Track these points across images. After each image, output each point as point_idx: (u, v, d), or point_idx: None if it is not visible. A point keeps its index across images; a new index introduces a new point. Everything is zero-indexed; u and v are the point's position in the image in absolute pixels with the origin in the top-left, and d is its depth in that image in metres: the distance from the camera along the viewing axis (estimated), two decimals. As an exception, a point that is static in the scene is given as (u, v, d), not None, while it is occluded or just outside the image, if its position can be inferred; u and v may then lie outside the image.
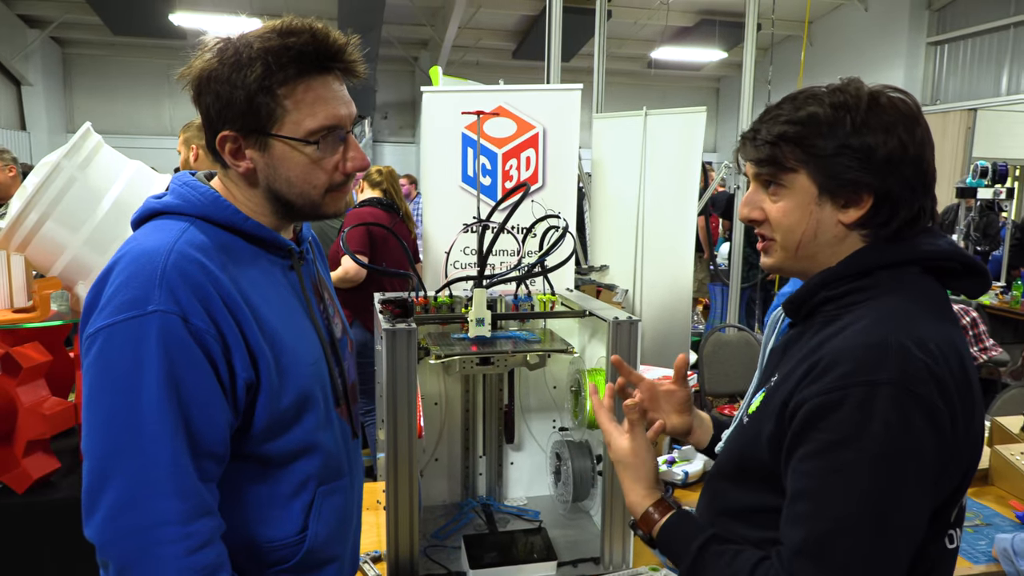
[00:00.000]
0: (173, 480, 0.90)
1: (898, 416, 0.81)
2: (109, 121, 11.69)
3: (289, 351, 1.02)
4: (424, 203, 3.80)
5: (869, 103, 0.92)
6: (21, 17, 11.66)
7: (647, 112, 4.31)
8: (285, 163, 1.01)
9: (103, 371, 0.91)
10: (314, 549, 1.08)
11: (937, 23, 10.55)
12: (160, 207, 1.02)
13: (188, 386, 0.91)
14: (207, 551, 0.93)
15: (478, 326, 1.64)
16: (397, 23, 11.74)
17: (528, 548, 1.65)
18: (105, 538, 0.90)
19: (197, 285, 0.92)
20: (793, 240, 0.97)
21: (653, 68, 13.25)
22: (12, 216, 2.05)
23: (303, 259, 1.14)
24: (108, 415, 0.90)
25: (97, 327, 0.91)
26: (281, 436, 1.03)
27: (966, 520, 1.88)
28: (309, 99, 0.99)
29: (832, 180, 0.92)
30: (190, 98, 1.02)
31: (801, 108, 0.94)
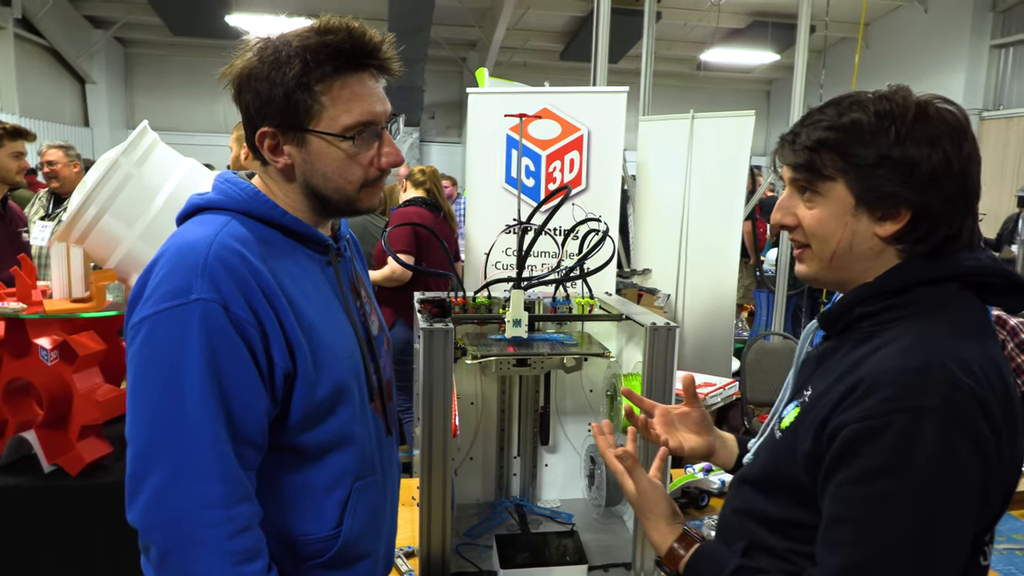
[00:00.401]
0: (215, 464, 0.92)
1: (943, 445, 0.79)
2: (166, 118, 12.09)
3: (326, 344, 1.04)
4: (467, 204, 3.83)
5: (916, 113, 0.88)
6: (87, 18, 12.14)
7: (694, 115, 4.27)
8: (321, 158, 1.04)
9: (148, 358, 0.94)
10: (349, 544, 1.10)
11: (1002, 25, 10.17)
12: (203, 203, 1.06)
13: (229, 373, 0.94)
14: (247, 535, 0.95)
15: (515, 327, 1.65)
16: (446, 24, 11.85)
17: (559, 550, 1.65)
18: (149, 522, 0.92)
19: (238, 276, 0.95)
20: (827, 250, 0.94)
21: (703, 70, 13.09)
22: (72, 210, 2.14)
23: (340, 256, 1.16)
24: (152, 401, 0.93)
25: (142, 316, 0.95)
26: (316, 427, 1.05)
27: (1016, 543, 1.82)
28: (345, 95, 1.02)
29: (870, 192, 0.89)
30: (231, 97, 1.05)
31: (844, 114, 0.91)
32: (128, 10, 11.50)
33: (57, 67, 12.08)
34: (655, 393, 1.53)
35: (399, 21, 9.79)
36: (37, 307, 2.12)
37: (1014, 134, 9.86)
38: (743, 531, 1.01)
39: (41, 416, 2.10)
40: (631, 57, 10.45)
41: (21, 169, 3.22)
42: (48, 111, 11.59)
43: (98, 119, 12.99)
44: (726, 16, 11.14)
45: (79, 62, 12.20)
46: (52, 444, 2.12)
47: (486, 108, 3.60)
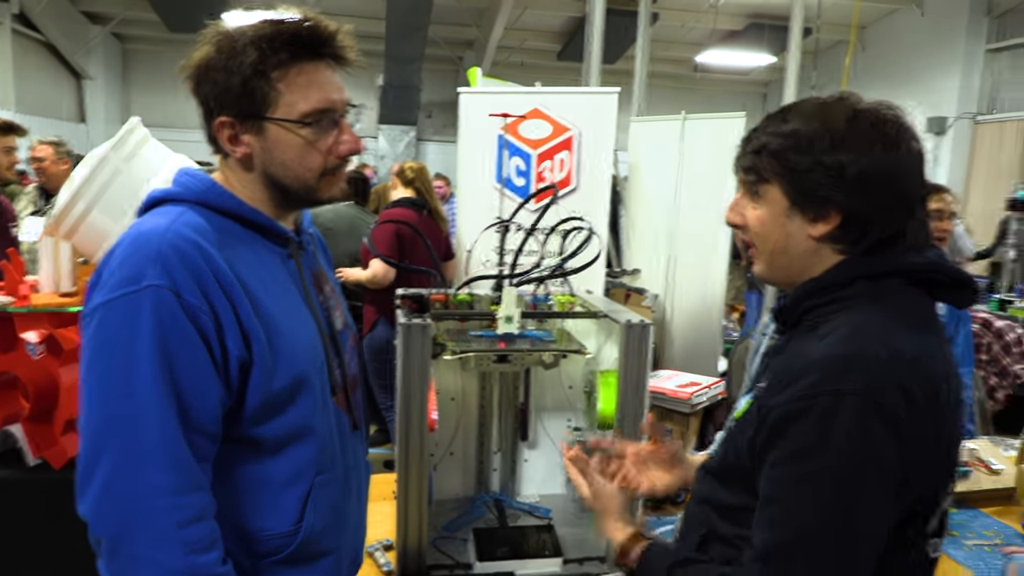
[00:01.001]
0: (164, 451, 0.91)
1: (860, 427, 0.82)
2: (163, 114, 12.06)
3: (284, 333, 1.04)
4: (458, 202, 3.85)
5: (849, 121, 0.93)
6: (84, 14, 12.13)
7: (685, 116, 4.30)
8: (279, 146, 1.04)
9: (99, 346, 0.94)
10: (309, 540, 1.08)
11: (996, 30, 10.20)
12: (162, 195, 1.06)
13: (180, 360, 0.93)
14: (200, 526, 0.94)
15: (507, 323, 1.67)
16: (443, 23, 11.86)
17: (536, 543, 1.68)
18: (98, 512, 0.91)
19: (191, 263, 0.95)
20: (767, 249, 1.00)
21: (699, 71, 13.12)
22: (60, 205, 2.16)
23: (302, 249, 1.17)
24: (102, 389, 0.93)
25: (95, 304, 0.95)
26: (274, 419, 1.04)
27: (986, 539, 1.85)
28: (302, 82, 1.03)
29: (802, 194, 0.94)
30: (190, 91, 1.05)
31: (788, 121, 0.96)
32: (125, 6, 11.50)
33: (54, 63, 12.07)
34: (629, 389, 1.56)
35: (397, 20, 9.81)
36: (25, 301, 2.14)
37: (1008, 138, 9.90)
38: (704, 520, 1.05)
39: (27, 410, 2.12)
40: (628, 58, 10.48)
41: (12, 164, 3.24)
42: (44, 107, 11.58)
43: (94, 115, 12.98)
44: (723, 18, 11.17)
45: (76, 58, 12.19)
46: (38, 437, 2.14)
47: (477, 108, 3.63)
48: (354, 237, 3.96)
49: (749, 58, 12.17)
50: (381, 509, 1.85)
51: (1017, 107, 9.93)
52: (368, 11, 11.12)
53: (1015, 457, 2.23)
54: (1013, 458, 2.24)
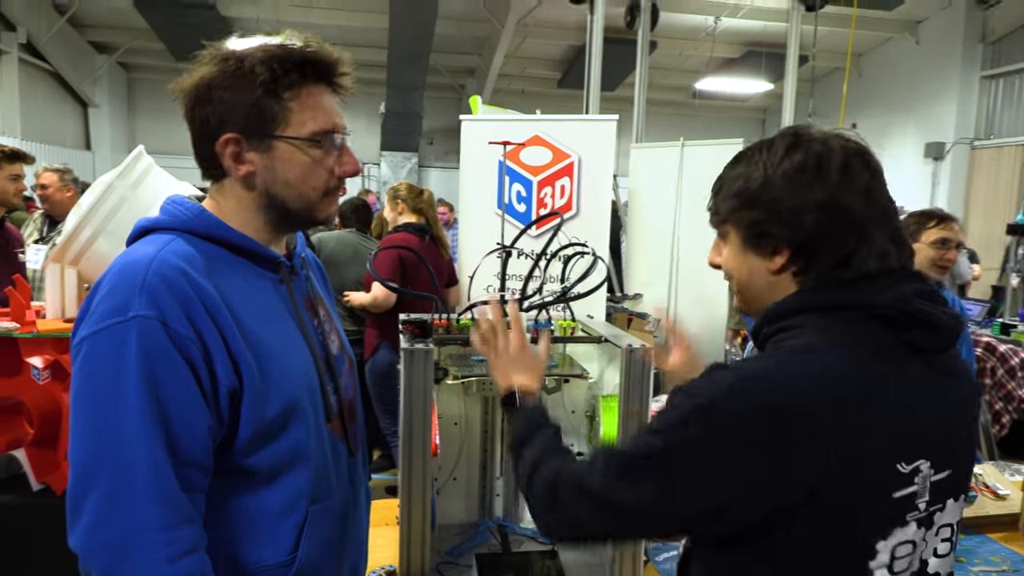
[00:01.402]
0: (153, 484, 0.90)
1: (687, 421, 0.88)
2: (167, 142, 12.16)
3: (275, 360, 1.02)
4: (460, 228, 3.88)
5: (782, 156, 0.94)
6: (91, 43, 12.31)
7: (684, 143, 4.34)
8: (286, 164, 1.04)
9: (86, 378, 0.92)
10: (304, 571, 1.06)
11: (992, 56, 10.33)
12: (149, 224, 1.05)
13: (167, 390, 0.92)
14: (191, 559, 0.92)
15: None
16: (445, 52, 12.02)
17: (539, 569, 1.67)
18: (88, 546, 0.90)
19: (178, 291, 0.94)
20: (740, 286, 1.04)
21: (698, 98, 13.26)
22: (67, 232, 2.18)
23: (294, 274, 1.15)
24: (90, 421, 0.91)
25: (82, 336, 0.94)
26: (267, 447, 1.02)
27: (992, 565, 1.84)
28: (311, 103, 1.04)
29: (749, 232, 0.98)
30: (183, 112, 1.04)
31: (737, 164, 0.99)
32: (132, 36, 11.67)
33: (60, 91, 12.22)
34: (631, 413, 1.56)
35: (399, 48, 9.94)
36: (30, 327, 2.15)
37: (1005, 163, 9.97)
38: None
39: (31, 435, 2.13)
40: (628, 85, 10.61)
41: (19, 191, 3.27)
42: (50, 134, 11.71)
43: (100, 143, 13.11)
44: (721, 46, 11.32)
45: (82, 86, 12.35)
46: (41, 462, 2.14)
47: (479, 135, 3.67)
48: (358, 263, 3.99)
49: (747, 85, 12.31)
50: (384, 534, 1.84)
51: (1014, 132, 10.02)
52: (371, 40, 11.28)
53: (1021, 482, 2.23)
54: (1019, 483, 2.24)
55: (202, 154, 1.06)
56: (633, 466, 0.91)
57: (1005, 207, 9.72)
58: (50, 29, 10.67)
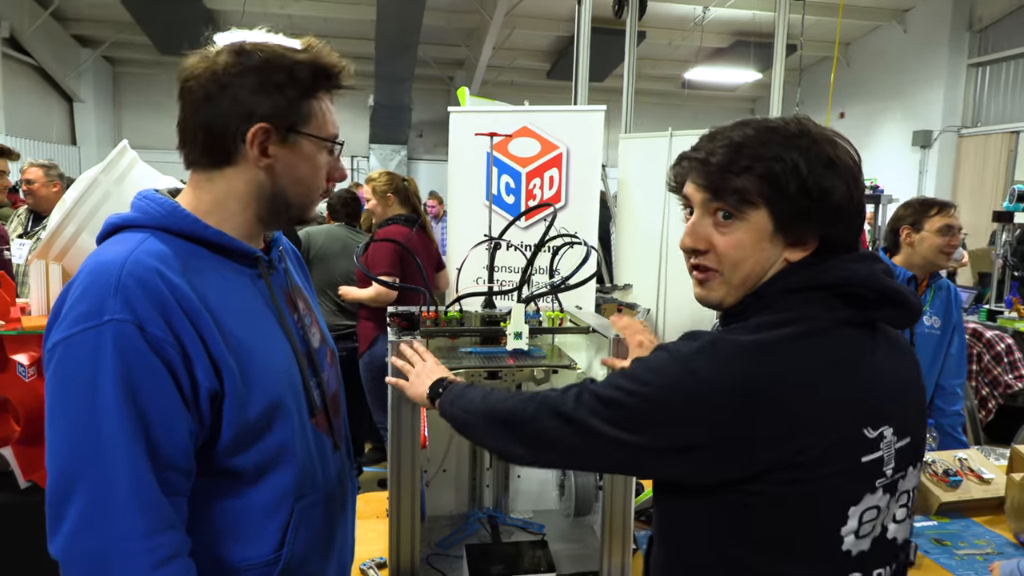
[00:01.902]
0: (133, 492, 0.89)
1: (681, 376, 0.90)
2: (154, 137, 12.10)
3: (256, 359, 1.01)
4: (449, 220, 3.87)
5: (829, 148, 0.93)
6: (75, 37, 12.19)
7: (672, 132, 4.34)
8: (305, 161, 1.06)
9: (60, 384, 0.90)
10: (291, 567, 1.06)
11: (978, 44, 10.39)
12: (120, 221, 1.02)
13: (146, 395, 0.90)
14: (174, 565, 0.91)
15: (516, 339, 1.68)
16: (433, 43, 11.97)
17: (530, 559, 1.68)
18: (69, 555, 0.89)
19: (154, 293, 0.91)
20: (739, 275, 0.96)
21: (687, 88, 13.27)
22: (51, 228, 2.16)
23: (273, 268, 1.14)
24: (66, 428, 0.89)
25: (55, 340, 0.91)
26: (251, 447, 1.01)
27: (977, 548, 1.86)
28: (327, 107, 1.09)
29: (788, 219, 0.92)
30: (195, 99, 1.02)
31: (767, 144, 0.92)
32: (116, 29, 11.57)
33: (44, 86, 12.11)
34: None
35: (387, 41, 9.89)
36: (15, 324, 2.14)
37: (992, 150, 10.04)
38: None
39: (18, 432, 2.12)
40: (617, 75, 10.60)
41: (2, 188, 3.24)
42: (35, 130, 11.60)
43: (85, 138, 13.01)
44: (709, 36, 11.33)
45: (67, 81, 12.23)
46: (28, 460, 2.13)
47: (466, 127, 3.66)
48: (347, 257, 3.98)
49: (735, 75, 12.33)
50: (374, 527, 1.85)
51: (1001, 119, 10.09)
52: (358, 32, 11.23)
53: (1006, 467, 2.25)
54: (1003, 467, 2.26)
55: (213, 139, 1.02)
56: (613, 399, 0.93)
57: (992, 194, 9.79)
58: (33, 23, 10.56)
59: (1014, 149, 9.79)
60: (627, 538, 1.62)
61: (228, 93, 1.00)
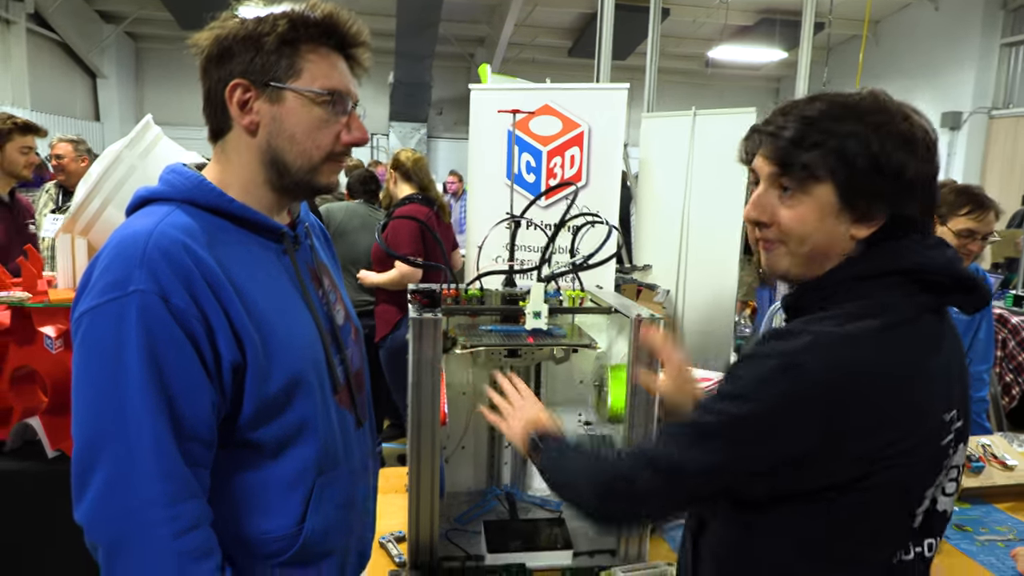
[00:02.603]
0: (157, 462, 0.90)
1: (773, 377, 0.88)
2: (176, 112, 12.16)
3: (279, 333, 1.01)
4: (468, 199, 3.86)
5: (904, 124, 0.92)
6: (98, 12, 12.24)
7: (696, 112, 4.29)
8: (293, 116, 1.02)
9: (87, 354, 0.92)
10: (312, 541, 1.07)
11: (1012, 23, 10.11)
12: (148, 195, 1.03)
13: (170, 366, 0.91)
14: (195, 534, 0.93)
15: (535, 319, 1.68)
16: (454, 20, 11.87)
17: (546, 536, 1.69)
18: (93, 521, 0.91)
19: (179, 265, 0.92)
20: (803, 250, 0.96)
21: (710, 67, 13.07)
22: (77, 202, 2.19)
23: (298, 243, 1.14)
24: (92, 397, 0.91)
25: (81, 311, 0.93)
26: (272, 421, 1.02)
27: (999, 535, 1.85)
28: (327, 63, 1.04)
29: (856, 195, 0.91)
30: (200, 69, 1.03)
31: (840, 120, 0.92)
32: (139, 4, 11.60)
33: (68, 62, 12.19)
34: (640, 384, 1.56)
35: (408, 17, 9.83)
36: (42, 296, 2.17)
37: (1023, 133, 9.81)
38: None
39: (45, 403, 2.16)
40: (639, 54, 10.44)
41: (29, 164, 3.27)
42: (59, 105, 11.70)
43: (109, 113, 13.10)
44: (734, 13, 11.11)
45: (90, 57, 12.30)
46: (56, 430, 2.17)
47: (487, 104, 3.63)
48: (368, 233, 3.98)
49: (760, 54, 12.10)
50: (394, 501, 1.87)
51: (1033, 101, 9.84)
52: (379, 8, 11.15)
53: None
54: (1027, 454, 2.24)
55: (213, 106, 1.04)
56: (707, 431, 0.92)
57: (1022, 176, 9.59)
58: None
59: (1046, 131, 9.56)
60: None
61: (219, 59, 1.01)
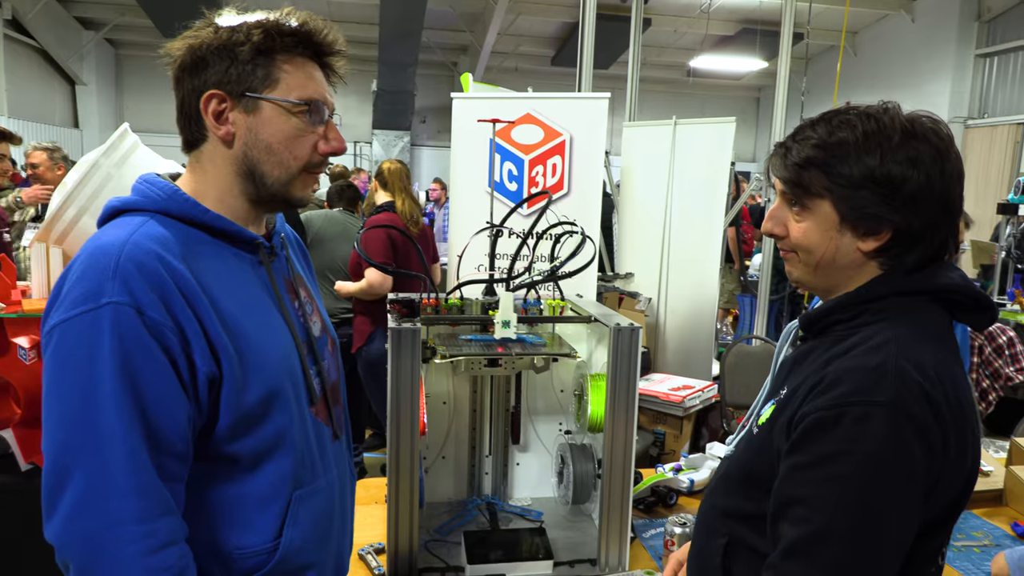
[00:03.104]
0: (131, 477, 0.88)
1: (892, 434, 0.84)
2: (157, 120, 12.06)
3: (254, 345, 1.00)
4: (451, 207, 3.86)
5: (902, 134, 0.92)
6: (78, 19, 12.13)
7: (676, 121, 4.32)
8: (270, 126, 1.02)
9: (58, 367, 0.90)
10: (288, 556, 1.05)
11: (987, 35, 10.30)
12: (121, 205, 1.01)
13: (144, 380, 0.89)
14: (170, 551, 0.91)
15: (504, 328, 1.67)
16: (437, 29, 11.90)
17: (527, 546, 1.68)
18: (65, 539, 0.88)
19: (153, 276, 0.91)
20: (813, 260, 0.99)
21: (692, 76, 13.18)
22: (52, 210, 2.16)
23: (274, 254, 1.13)
24: (63, 412, 0.89)
25: (53, 323, 0.91)
26: (249, 434, 1.00)
27: (974, 540, 1.87)
28: (304, 71, 1.03)
29: (854, 211, 0.93)
30: (172, 75, 1.02)
31: (833, 133, 0.94)
32: (119, 11, 11.51)
33: (47, 68, 12.06)
34: (619, 392, 1.56)
35: (390, 26, 9.83)
36: (16, 306, 2.14)
37: (998, 142, 9.97)
38: (723, 528, 1.05)
39: (19, 415, 2.12)
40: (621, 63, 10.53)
41: (4, 171, 3.23)
42: (37, 112, 11.57)
43: (88, 121, 12.97)
44: (715, 23, 11.24)
45: (69, 63, 12.18)
46: (29, 442, 2.14)
47: (469, 113, 3.64)
48: (347, 241, 3.96)
49: (741, 63, 12.23)
50: (373, 512, 1.86)
51: (1007, 111, 10.01)
52: (362, 16, 11.16)
53: (1004, 459, 2.25)
54: (1003, 460, 2.26)
55: (187, 116, 1.03)
56: (835, 528, 0.86)
57: (996, 186, 9.74)
58: (36, 5, 10.51)
59: (1020, 141, 9.72)
60: (625, 526, 1.63)
61: (193, 68, 1.01)
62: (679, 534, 1.65)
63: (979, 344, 4.60)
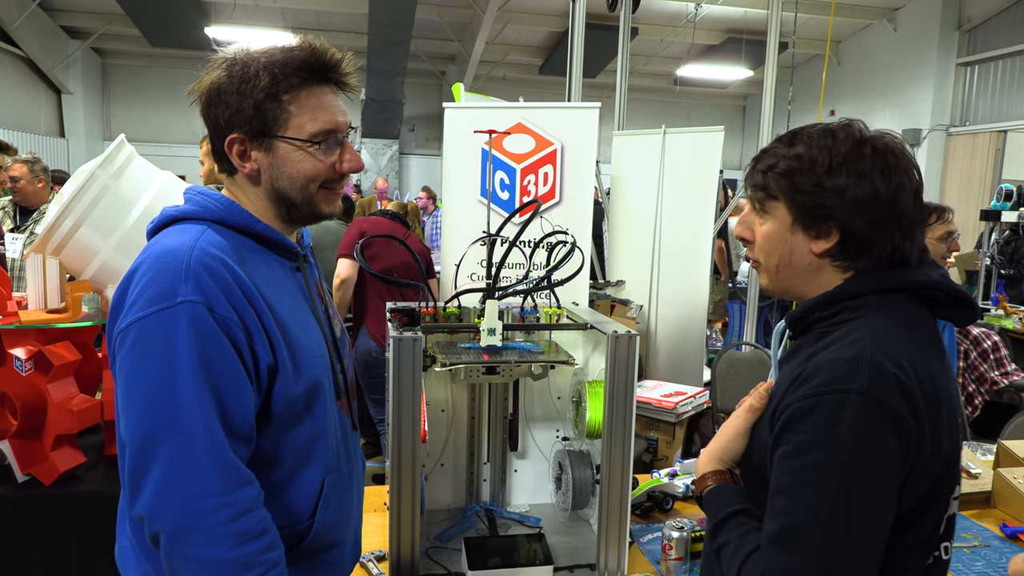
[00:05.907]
0: (210, 454, 0.98)
1: (865, 420, 0.89)
2: (144, 130, 12.03)
3: (298, 342, 1.12)
4: (443, 216, 3.88)
5: (850, 148, 1.00)
6: (64, 28, 12.07)
7: (665, 130, 4.37)
8: (288, 162, 1.12)
9: (138, 360, 0.99)
10: (320, 534, 1.17)
11: (968, 44, 10.47)
12: (178, 214, 1.12)
13: (217, 369, 1.00)
14: (248, 518, 1.01)
15: (489, 336, 1.70)
16: (426, 38, 11.94)
17: (526, 552, 1.70)
18: (153, 511, 0.98)
19: (219, 278, 1.02)
20: (772, 263, 1.08)
21: (679, 85, 13.29)
22: (49, 222, 2.16)
23: (307, 262, 1.25)
24: (146, 399, 0.99)
25: (129, 322, 1.00)
26: (294, 425, 1.12)
27: (964, 541, 1.90)
28: (311, 105, 1.12)
29: (804, 212, 1.03)
30: (200, 112, 1.13)
31: (794, 145, 1.04)
32: (106, 21, 11.47)
33: (33, 77, 11.99)
34: (616, 399, 1.59)
35: (379, 35, 9.86)
36: (12, 318, 2.14)
37: (980, 149, 10.13)
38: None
39: (15, 426, 2.12)
40: (609, 71, 10.59)
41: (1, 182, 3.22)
42: (23, 122, 11.49)
43: (74, 130, 12.89)
44: (701, 32, 11.36)
45: (55, 72, 12.11)
46: (26, 454, 2.13)
47: (462, 123, 3.67)
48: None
49: (727, 72, 12.36)
50: (373, 520, 1.87)
51: (988, 119, 10.18)
52: (350, 26, 11.19)
53: (992, 461, 2.30)
54: (990, 462, 2.30)
55: (217, 151, 1.14)
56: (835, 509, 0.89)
57: (979, 193, 9.89)
58: (21, 14, 10.46)
59: (1002, 148, 9.89)
60: (623, 531, 1.65)
61: (214, 108, 1.11)
62: (676, 538, 1.68)
63: (964, 349, 4.67)
